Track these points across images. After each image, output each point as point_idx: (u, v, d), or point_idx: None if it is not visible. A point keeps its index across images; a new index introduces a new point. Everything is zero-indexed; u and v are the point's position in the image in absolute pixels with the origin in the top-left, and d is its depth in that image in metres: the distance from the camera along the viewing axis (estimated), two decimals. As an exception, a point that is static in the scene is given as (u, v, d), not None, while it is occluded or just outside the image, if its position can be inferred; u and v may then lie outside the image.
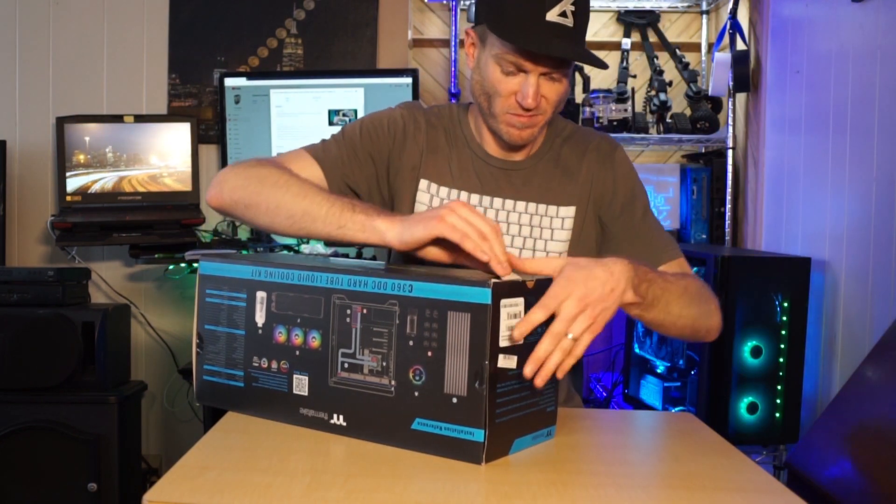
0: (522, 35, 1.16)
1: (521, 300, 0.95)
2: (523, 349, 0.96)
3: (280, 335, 1.08)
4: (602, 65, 1.21)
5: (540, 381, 0.95)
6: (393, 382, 0.98)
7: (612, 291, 0.99)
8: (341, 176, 1.31)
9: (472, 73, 1.29)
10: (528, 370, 0.94)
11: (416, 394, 0.96)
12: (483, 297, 0.91)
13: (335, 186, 1.30)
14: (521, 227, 1.32)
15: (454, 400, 0.94)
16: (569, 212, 1.33)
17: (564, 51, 1.18)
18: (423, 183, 1.33)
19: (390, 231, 1.08)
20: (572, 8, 1.18)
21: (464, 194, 1.32)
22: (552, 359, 0.95)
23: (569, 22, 1.18)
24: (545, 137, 1.37)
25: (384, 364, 0.99)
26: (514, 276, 0.97)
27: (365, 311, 1.00)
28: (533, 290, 0.97)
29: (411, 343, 0.96)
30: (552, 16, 1.16)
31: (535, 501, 0.83)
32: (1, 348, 2.28)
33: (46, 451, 2.30)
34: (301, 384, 1.06)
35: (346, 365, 1.02)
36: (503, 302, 0.92)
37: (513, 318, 0.94)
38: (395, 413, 0.98)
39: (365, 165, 1.33)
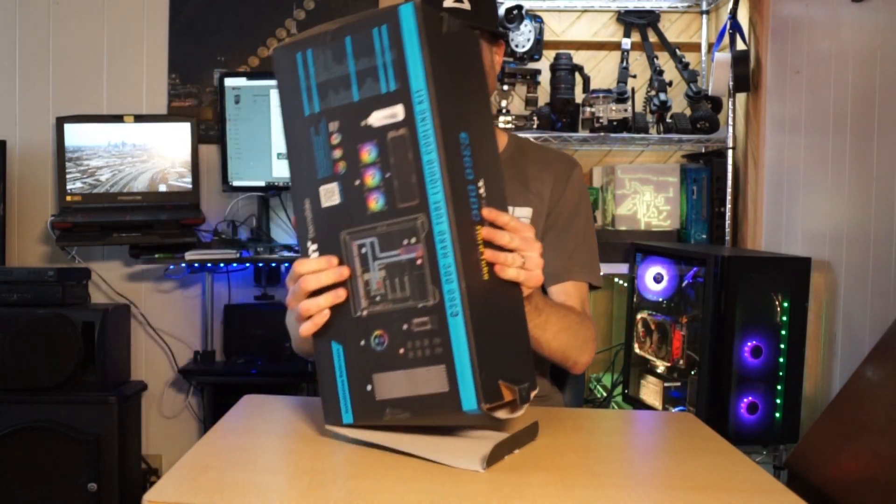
0: None
1: None
2: None
3: None
4: (497, 31, 1.31)
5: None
6: None
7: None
8: None
9: None
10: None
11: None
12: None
13: None
14: None
15: None
16: (525, 212, 1.41)
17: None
18: None
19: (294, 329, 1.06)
20: None
21: None
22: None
23: (466, 6, 1.25)
24: (507, 151, 1.45)
25: None
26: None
27: None
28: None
29: None
30: (448, 2, 1.25)
31: (535, 501, 0.83)
32: (1, 348, 2.28)
33: (46, 451, 2.30)
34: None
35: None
36: None
37: None
38: None
39: None
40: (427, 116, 0.89)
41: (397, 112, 0.91)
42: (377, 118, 0.92)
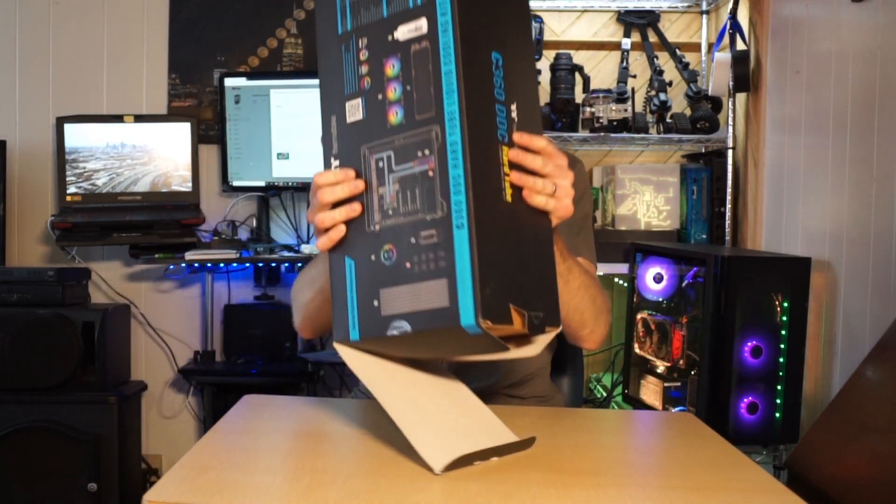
0: None
1: None
2: None
3: None
4: None
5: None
6: None
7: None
8: None
9: None
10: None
11: None
12: None
13: None
14: None
15: None
16: None
17: None
18: None
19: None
20: None
21: None
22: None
23: None
24: None
25: None
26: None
27: None
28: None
29: None
30: None
31: (535, 501, 0.83)
32: (1, 348, 2.28)
33: (46, 451, 2.30)
34: None
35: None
36: None
37: None
38: None
39: None
40: (448, 28, 0.89)
41: (421, 25, 0.91)
42: (402, 32, 0.92)
